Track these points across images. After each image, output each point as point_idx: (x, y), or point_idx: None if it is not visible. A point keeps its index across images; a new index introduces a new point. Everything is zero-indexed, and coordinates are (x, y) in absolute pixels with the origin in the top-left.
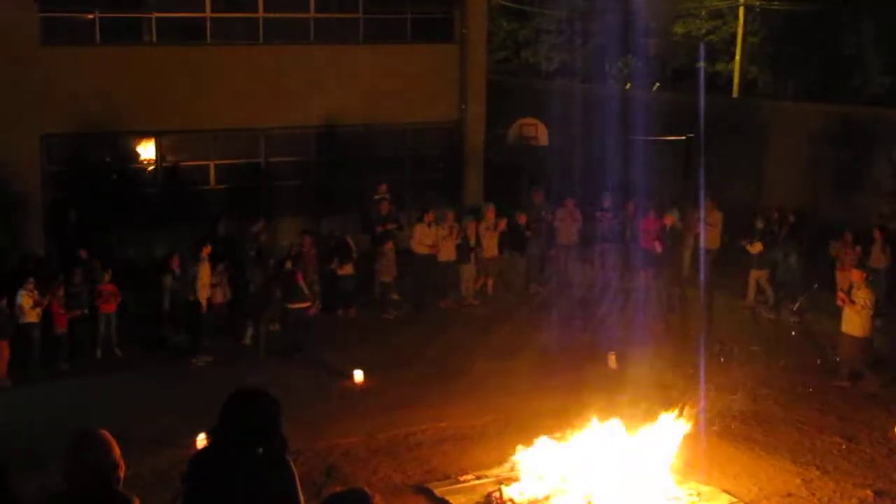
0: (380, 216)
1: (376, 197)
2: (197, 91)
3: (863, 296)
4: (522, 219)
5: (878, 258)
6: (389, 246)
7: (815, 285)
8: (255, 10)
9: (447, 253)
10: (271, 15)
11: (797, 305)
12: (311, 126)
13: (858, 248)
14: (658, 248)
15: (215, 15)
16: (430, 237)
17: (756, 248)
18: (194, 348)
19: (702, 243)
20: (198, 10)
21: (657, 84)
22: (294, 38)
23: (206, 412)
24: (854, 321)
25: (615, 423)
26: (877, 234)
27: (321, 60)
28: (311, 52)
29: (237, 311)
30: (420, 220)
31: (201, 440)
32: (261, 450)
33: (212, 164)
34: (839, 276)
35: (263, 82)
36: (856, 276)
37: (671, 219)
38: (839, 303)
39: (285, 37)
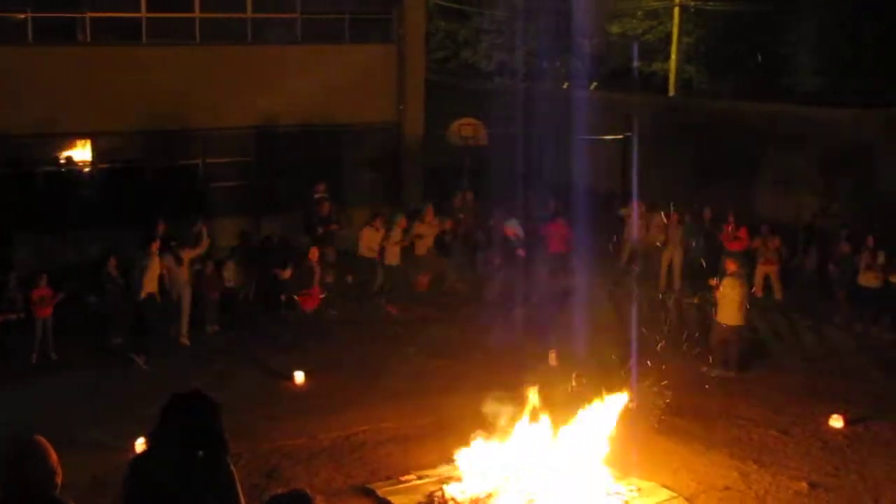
0: (320, 217)
1: (316, 196)
2: (133, 92)
3: (728, 285)
4: (449, 224)
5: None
6: (331, 249)
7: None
8: (192, 10)
9: (392, 257)
10: (208, 15)
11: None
12: (249, 127)
13: (777, 241)
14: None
15: (151, 15)
16: (377, 241)
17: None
18: (139, 348)
19: (634, 238)
20: (133, 10)
21: (595, 83)
22: (231, 39)
23: (146, 415)
24: (726, 310)
25: (556, 421)
26: (801, 235)
27: (259, 61)
28: (248, 52)
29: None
30: (370, 224)
31: (140, 444)
32: (201, 453)
33: (147, 166)
34: (759, 268)
35: (200, 83)
36: (729, 265)
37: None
38: (714, 292)
39: (222, 37)
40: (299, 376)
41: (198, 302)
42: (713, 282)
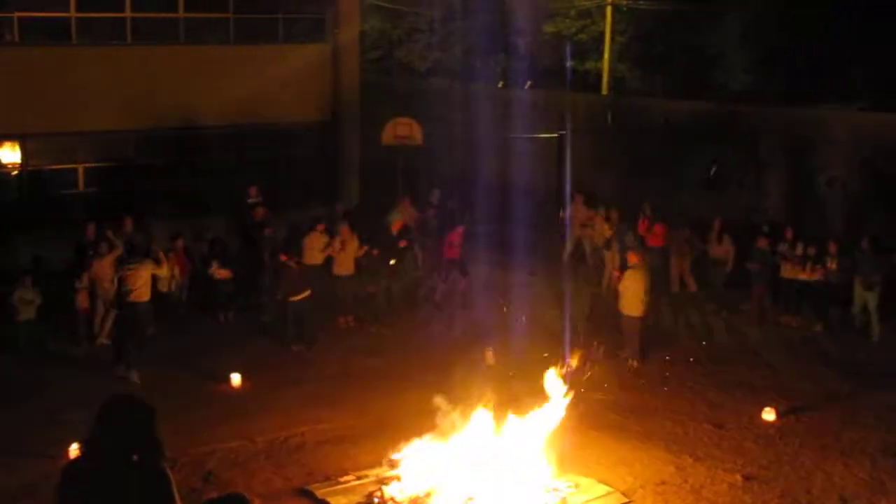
0: (255, 222)
1: (249, 201)
2: (63, 93)
3: (630, 276)
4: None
5: (716, 249)
6: (293, 261)
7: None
8: (122, 10)
9: (345, 267)
10: (139, 15)
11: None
12: (183, 127)
13: (686, 232)
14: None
15: (81, 15)
16: (321, 243)
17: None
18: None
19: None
20: (62, 10)
21: (529, 82)
22: (163, 39)
23: (77, 419)
24: (627, 301)
25: (494, 418)
26: (715, 224)
27: (191, 61)
28: (181, 52)
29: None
30: (312, 229)
31: (74, 450)
32: (136, 457)
33: (80, 168)
34: (673, 262)
35: (132, 83)
36: (631, 257)
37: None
38: (613, 281)
39: (154, 37)
40: (236, 378)
41: None
42: (616, 273)
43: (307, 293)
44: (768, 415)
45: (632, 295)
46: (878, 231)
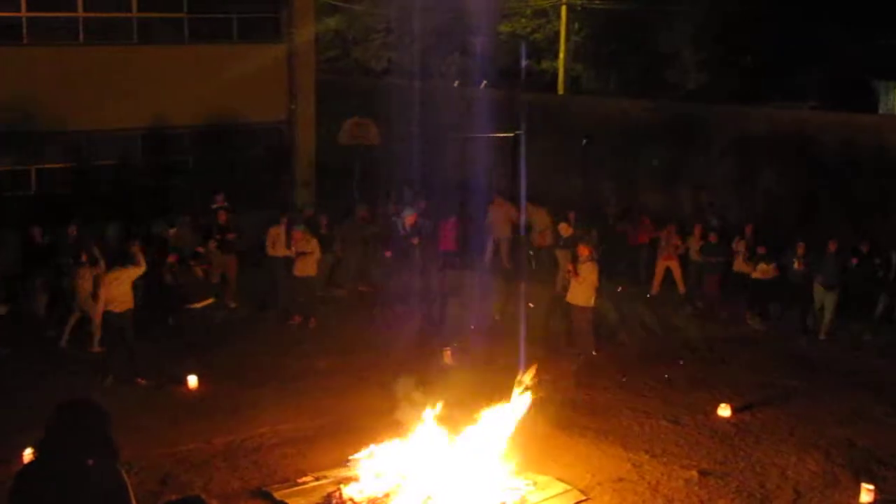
0: (218, 226)
1: (214, 206)
2: (14, 93)
3: (586, 269)
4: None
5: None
6: (213, 246)
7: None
8: (74, 10)
9: (305, 268)
10: (91, 14)
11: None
12: (137, 128)
13: (677, 239)
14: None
15: (31, 14)
16: (282, 236)
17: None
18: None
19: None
20: (13, 10)
21: (485, 82)
22: (116, 39)
23: (31, 423)
24: (578, 292)
25: (452, 418)
26: (696, 229)
27: (145, 61)
28: (134, 52)
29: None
30: (280, 223)
31: (28, 454)
32: (90, 461)
33: (32, 169)
34: (659, 263)
35: (85, 84)
36: (582, 250)
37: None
38: (566, 275)
39: (107, 37)
40: (192, 380)
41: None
42: (570, 266)
43: (209, 301)
44: (723, 411)
45: (588, 286)
46: (829, 230)
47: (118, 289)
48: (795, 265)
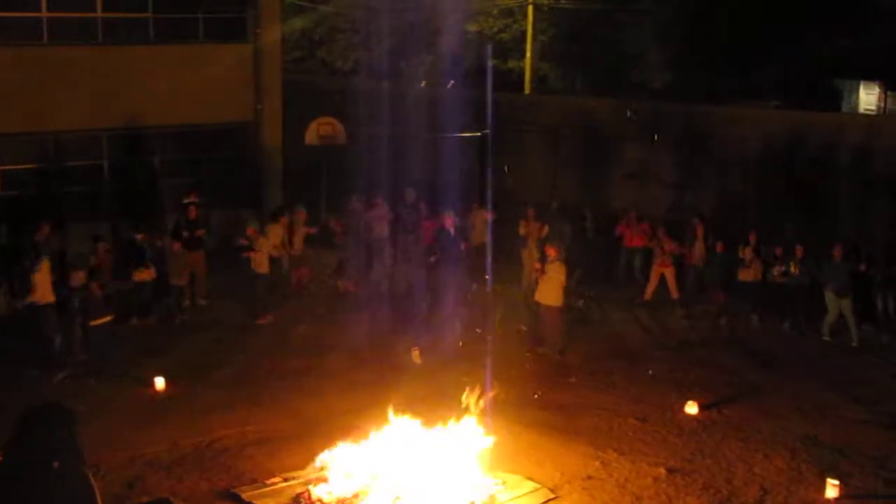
0: (188, 222)
1: (185, 202)
2: None
3: (553, 269)
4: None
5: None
6: (178, 247)
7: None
8: (38, 10)
9: (257, 266)
10: (56, 14)
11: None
12: (103, 129)
13: (672, 244)
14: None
15: None
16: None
17: (544, 231)
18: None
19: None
20: None
21: (452, 81)
22: (81, 39)
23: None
24: (548, 292)
25: (421, 418)
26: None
27: (111, 61)
28: (99, 52)
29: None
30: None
31: None
32: (57, 464)
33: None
34: (654, 269)
35: (50, 84)
36: (550, 251)
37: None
38: (535, 274)
39: (72, 37)
40: (159, 382)
41: None
42: (538, 265)
43: (108, 318)
44: (691, 408)
45: (556, 286)
46: (791, 228)
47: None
48: (793, 269)
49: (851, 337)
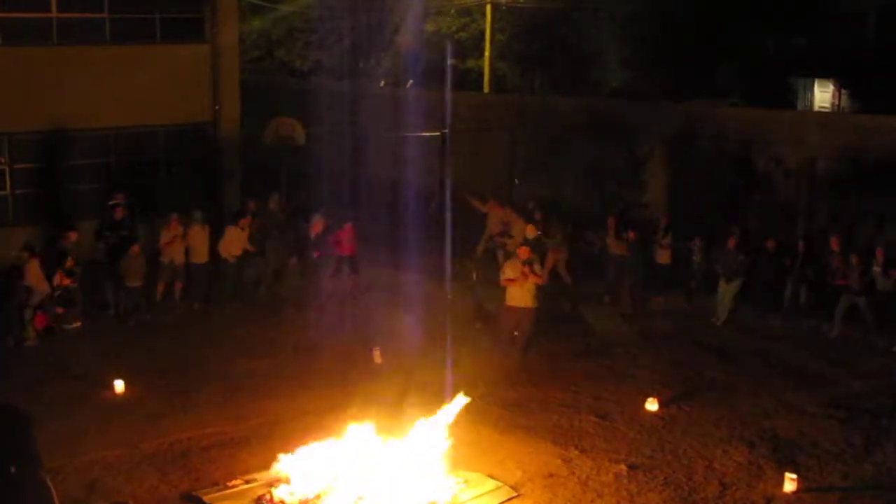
0: (112, 223)
1: (111, 203)
2: None
3: (539, 270)
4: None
5: (614, 245)
6: (136, 249)
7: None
8: None
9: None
10: (10, 15)
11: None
12: (58, 130)
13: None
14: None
15: None
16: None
17: (531, 230)
18: None
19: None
20: None
21: (410, 81)
22: (36, 40)
23: None
24: (523, 294)
25: (382, 418)
26: (609, 222)
27: (66, 62)
28: (54, 53)
29: None
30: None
31: None
32: (13, 469)
33: None
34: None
35: (5, 85)
36: (523, 252)
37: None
38: (522, 277)
39: (26, 38)
40: (119, 384)
41: None
42: (525, 269)
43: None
44: (651, 405)
45: (533, 287)
46: (747, 223)
47: None
48: (694, 258)
49: (718, 317)
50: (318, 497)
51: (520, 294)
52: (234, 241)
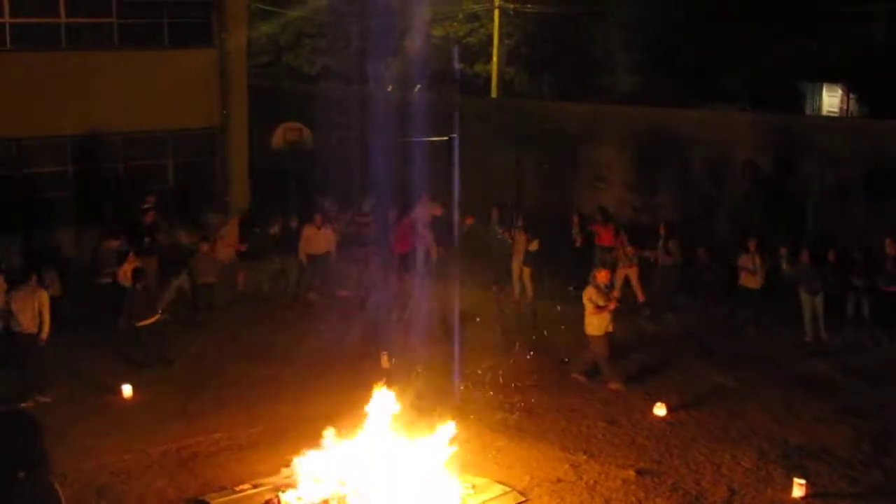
0: (145, 226)
1: (143, 206)
2: None
3: (616, 293)
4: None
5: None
6: (206, 247)
7: (572, 288)
8: (1, 16)
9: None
10: (18, 20)
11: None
12: (69, 135)
13: (630, 249)
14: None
15: None
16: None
17: (533, 245)
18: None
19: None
20: None
21: (419, 86)
22: (44, 45)
23: None
24: (607, 318)
25: (390, 423)
26: (661, 230)
27: (75, 67)
28: (63, 58)
29: None
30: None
31: None
32: (22, 474)
33: None
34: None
35: (14, 90)
36: (603, 276)
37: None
38: (613, 303)
39: (35, 43)
40: (127, 389)
41: None
42: (615, 293)
43: (156, 317)
44: (659, 410)
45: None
46: (759, 230)
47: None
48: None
49: (817, 332)
50: (325, 501)
51: (604, 319)
52: (313, 241)
